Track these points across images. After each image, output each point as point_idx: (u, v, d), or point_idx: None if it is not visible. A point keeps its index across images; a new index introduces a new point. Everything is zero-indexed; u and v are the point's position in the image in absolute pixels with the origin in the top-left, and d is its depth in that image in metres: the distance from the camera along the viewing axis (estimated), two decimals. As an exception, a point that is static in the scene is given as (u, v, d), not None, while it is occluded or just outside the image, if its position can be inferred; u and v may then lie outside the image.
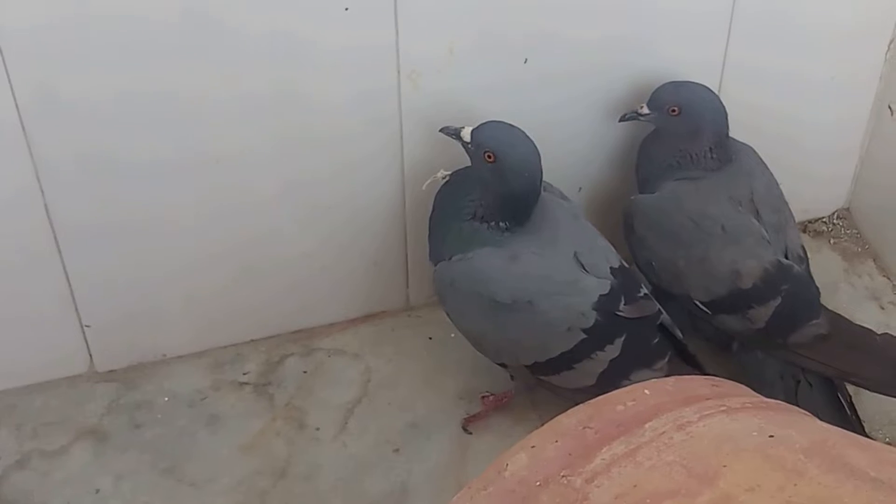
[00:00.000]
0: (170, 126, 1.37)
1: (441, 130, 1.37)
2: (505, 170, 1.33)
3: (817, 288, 1.48)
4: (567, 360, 1.38)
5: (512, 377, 1.51)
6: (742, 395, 1.03)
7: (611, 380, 1.38)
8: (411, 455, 1.49)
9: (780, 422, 0.98)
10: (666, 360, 1.40)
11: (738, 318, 1.43)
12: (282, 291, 1.59)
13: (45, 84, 1.29)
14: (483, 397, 1.54)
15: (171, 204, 1.44)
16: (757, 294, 1.42)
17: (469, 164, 1.38)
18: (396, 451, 1.50)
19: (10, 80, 1.27)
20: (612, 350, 1.38)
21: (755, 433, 0.92)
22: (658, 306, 1.41)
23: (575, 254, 1.38)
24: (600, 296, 1.37)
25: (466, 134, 1.35)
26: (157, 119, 1.36)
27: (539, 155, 1.35)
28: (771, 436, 0.91)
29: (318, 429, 1.52)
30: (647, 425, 0.94)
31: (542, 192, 1.41)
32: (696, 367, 1.42)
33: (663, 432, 0.92)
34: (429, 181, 1.42)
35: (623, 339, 1.38)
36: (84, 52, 1.28)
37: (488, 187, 1.35)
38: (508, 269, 1.36)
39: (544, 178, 1.43)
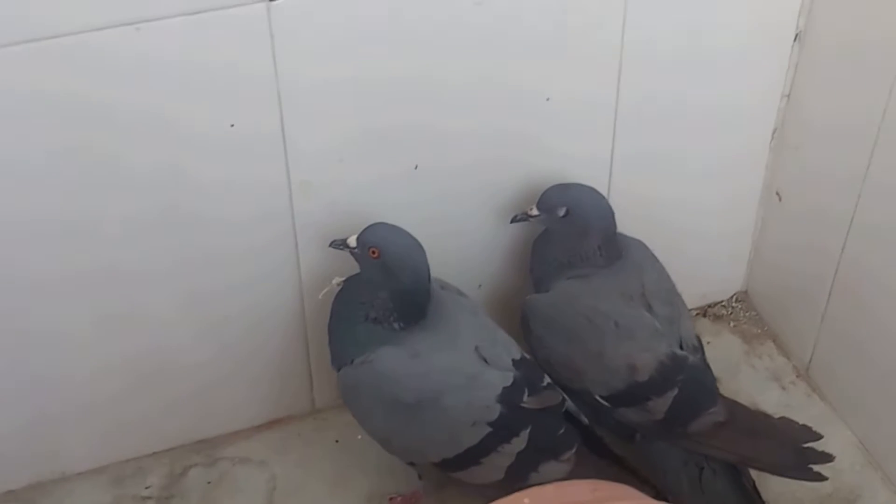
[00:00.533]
0: (60, 243, 1.37)
1: (330, 245, 1.39)
2: (390, 263, 1.35)
3: (713, 376, 1.50)
4: (474, 455, 1.38)
5: (420, 476, 1.51)
6: (623, 497, 1.05)
7: (519, 473, 1.38)
8: (319, 564, 1.49)
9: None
10: (573, 450, 1.41)
11: (637, 411, 1.45)
12: (183, 401, 1.58)
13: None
14: (391, 499, 1.53)
15: (61, 318, 1.43)
16: (654, 386, 1.43)
17: (363, 269, 1.40)
18: (303, 561, 1.49)
19: None
20: (519, 443, 1.38)
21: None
22: (562, 395, 1.43)
23: (476, 347, 1.39)
24: (504, 388, 1.38)
25: (352, 240, 1.37)
26: (45, 236, 1.35)
27: (422, 249, 1.37)
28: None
29: (222, 542, 1.51)
30: (525, 536, 0.95)
31: (440, 290, 1.43)
32: (604, 455, 1.44)
33: (541, 542, 0.93)
34: (325, 290, 1.43)
35: (529, 430, 1.38)
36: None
37: (378, 286, 1.36)
38: (410, 367, 1.37)
39: (442, 277, 1.46)
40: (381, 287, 1.36)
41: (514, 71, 1.43)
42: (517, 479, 1.38)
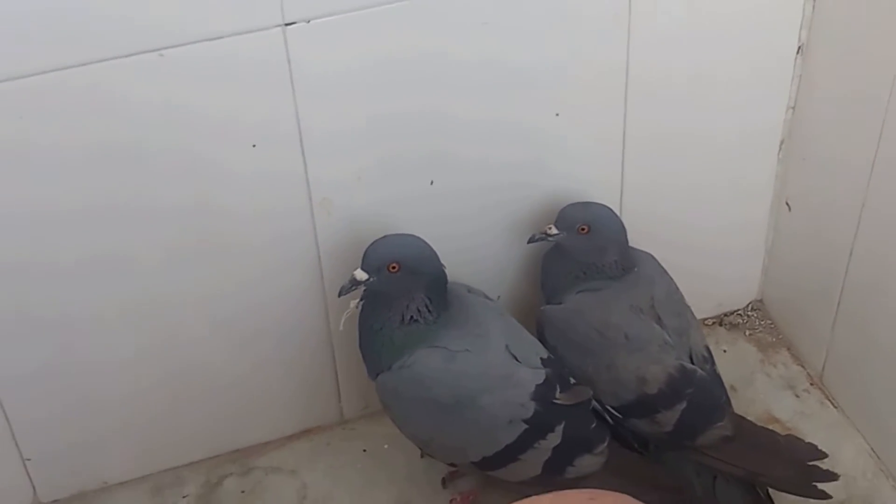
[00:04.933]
0: (102, 277, 1.38)
1: (340, 295, 1.35)
2: (412, 266, 1.33)
3: (724, 389, 1.46)
4: (513, 453, 1.36)
5: (444, 483, 1.52)
6: (620, 505, 1.02)
7: (556, 467, 1.37)
8: (347, 570, 1.47)
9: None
10: (606, 443, 1.39)
11: (647, 422, 1.41)
12: (217, 414, 1.57)
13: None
14: (451, 501, 1.52)
15: (105, 346, 1.44)
16: (663, 399, 1.40)
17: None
18: (332, 567, 1.47)
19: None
20: (554, 438, 1.36)
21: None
22: (591, 392, 1.40)
23: (507, 346, 1.37)
24: (537, 386, 1.36)
25: (360, 274, 1.33)
26: (86, 271, 1.36)
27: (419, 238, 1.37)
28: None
29: (256, 548, 1.49)
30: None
31: (467, 294, 1.42)
32: (633, 449, 1.42)
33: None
34: (344, 318, 1.39)
35: (563, 426, 1.36)
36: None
37: (408, 290, 1.34)
38: (447, 369, 1.35)
39: (467, 283, 1.44)
40: (411, 290, 1.34)
41: (522, 93, 1.40)
42: (554, 473, 1.37)
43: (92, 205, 1.31)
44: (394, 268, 1.33)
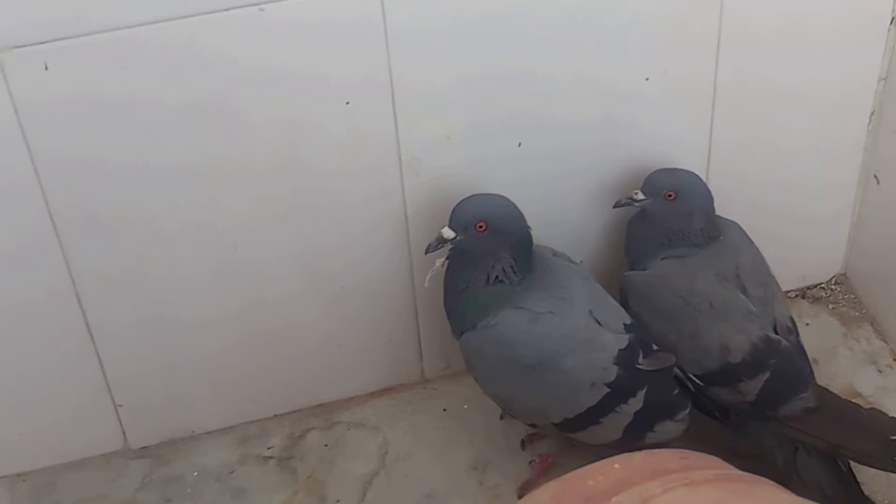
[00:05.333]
0: (195, 237, 1.41)
1: (427, 252, 1.36)
2: (498, 226, 1.34)
3: (807, 360, 1.44)
4: (594, 415, 1.37)
5: (523, 445, 1.53)
6: (709, 467, 1.02)
7: (637, 432, 1.38)
8: (427, 526, 1.48)
9: (741, 493, 0.97)
10: (687, 410, 1.39)
11: (729, 391, 1.41)
12: (303, 370, 1.60)
13: (78, 202, 1.34)
14: (531, 462, 1.53)
15: (196, 302, 1.48)
16: (746, 368, 1.39)
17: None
18: (413, 522, 1.48)
19: (46, 201, 1.32)
20: (636, 403, 1.37)
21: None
22: (674, 358, 1.40)
23: (590, 311, 1.38)
24: (619, 350, 1.36)
25: (447, 232, 1.34)
26: (183, 232, 1.40)
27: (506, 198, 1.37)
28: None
29: (338, 501, 1.51)
30: (613, 499, 0.93)
31: (552, 257, 1.42)
32: (714, 418, 1.42)
33: (628, 506, 0.91)
34: (429, 276, 1.41)
35: (645, 391, 1.37)
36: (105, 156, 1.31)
37: (494, 250, 1.35)
38: (531, 330, 1.35)
39: (552, 246, 1.44)
40: (497, 250, 1.35)
41: (613, 56, 1.40)
42: (635, 437, 1.38)
43: (186, 160, 1.34)
44: (481, 227, 1.34)
